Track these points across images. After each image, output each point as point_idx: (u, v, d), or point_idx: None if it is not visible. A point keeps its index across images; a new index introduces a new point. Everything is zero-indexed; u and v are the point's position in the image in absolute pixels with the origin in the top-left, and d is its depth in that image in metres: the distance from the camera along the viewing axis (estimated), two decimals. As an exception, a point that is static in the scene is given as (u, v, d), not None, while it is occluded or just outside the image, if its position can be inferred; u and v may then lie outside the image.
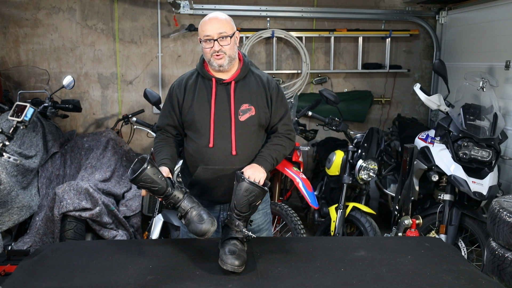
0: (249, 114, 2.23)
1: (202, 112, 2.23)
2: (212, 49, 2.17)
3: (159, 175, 1.93)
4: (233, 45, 2.20)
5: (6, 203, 3.45)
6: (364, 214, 3.55)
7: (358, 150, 3.75)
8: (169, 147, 2.30)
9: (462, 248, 3.54)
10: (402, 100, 5.66)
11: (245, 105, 2.23)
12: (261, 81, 2.30)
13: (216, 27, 2.15)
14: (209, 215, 1.95)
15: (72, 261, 2.00)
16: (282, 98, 2.34)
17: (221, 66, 2.20)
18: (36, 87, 5.03)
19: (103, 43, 5.14)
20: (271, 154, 2.24)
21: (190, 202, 1.98)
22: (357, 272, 1.92)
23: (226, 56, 2.19)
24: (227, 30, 2.16)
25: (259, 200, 1.99)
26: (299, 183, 3.69)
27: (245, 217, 2.01)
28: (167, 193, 1.95)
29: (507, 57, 4.16)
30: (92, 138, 4.23)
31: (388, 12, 5.35)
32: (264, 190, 1.99)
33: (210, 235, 1.91)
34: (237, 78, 2.25)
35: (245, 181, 1.96)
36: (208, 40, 2.16)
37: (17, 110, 3.32)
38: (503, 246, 2.61)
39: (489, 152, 3.55)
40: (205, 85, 2.26)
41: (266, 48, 5.34)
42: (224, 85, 2.25)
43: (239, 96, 2.24)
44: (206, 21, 2.19)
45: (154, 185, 1.92)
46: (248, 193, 1.95)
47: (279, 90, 2.33)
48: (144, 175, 1.89)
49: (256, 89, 2.27)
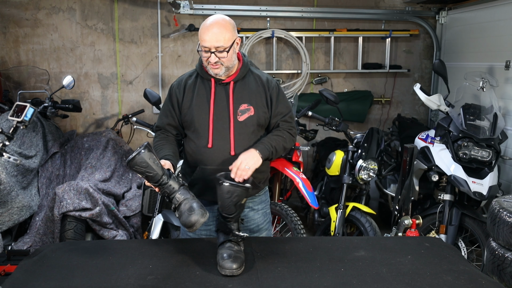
0: (248, 114, 2.22)
1: (201, 112, 2.23)
2: (209, 59, 2.13)
3: (155, 161, 1.90)
4: (231, 56, 2.14)
5: (6, 203, 3.45)
6: (364, 214, 3.55)
7: (358, 150, 3.75)
8: (170, 144, 2.29)
9: (462, 248, 3.54)
10: (402, 100, 5.66)
11: (244, 105, 2.22)
12: (260, 81, 2.28)
13: (214, 38, 2.07)
14: (201, 206, 1.91)
15: (72, 261, 1.99)
16: (283, 97, 2.32)
17: (217, 75, 2.18)
18: (36, 87, 5.03)
19: (103, 43, 5.14)
20: (271, 142, 2.21)
21: (185, 194, 1.94)
22: (357, 272, 1.92)
23: (223, 66, 2.15)
24: (225, 43, 2.08)
25: (243, 199, 1.96)
26: (299, 183, 3.69)
27: (234, 218, 1.99)
28: (161, 181, 1.92)
29: (507, 57, 4.16)
30: (92, 138, 4.23)
31: (388, 12, 5.36)
32: (246, 188, 1.96)
33: (198, 226, 1.87)
34: (236, 78, 2.24)
35: (224, 183, 1.92)
36: (205, 51, 2.12)
37: (17, 110, 3.32)
38: (503, 246, 2.61)
39: (489, 152, 3.55)
40: (204, 85, 2.26)
41: (266, 48, 5.34)
42: (223, 85, 2.24)
43: (238, 96, 2.23)
44: (205, 28, 2.10)
45: (148, 170, 1.88)
46: (230, 195, 1.92)
47: (279, 90, 2.31)
48: (139, 158, 1.86)
49: (255, 89, 2.26)
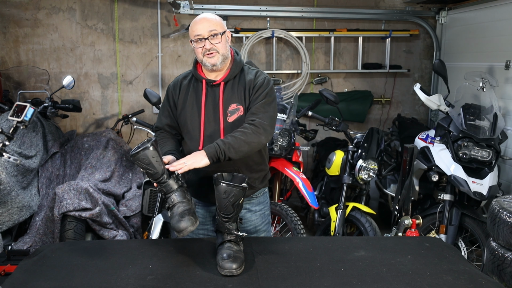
0: (237, 115, 2.20)
1: (193, 115, 2.22)
2: (203, 48, 2.14)
3: (157, 159, 1.92)
4: (224, 43, 2.17)
5: (6, 203, 3.45)
6: (364, 214, 3.55)
7: (358, 150, 3.75)
8: (172, 140, 2.30)
9: (462, 248, 3.54)
10: (402, 100, 5.66)
11: (233, 105, 2.20)
12: (249, 78, 2.23)
13: (206, 25, 2.13)
14: (193, 213, 1.92)
15: (72, 261, 1.99)
16: (263, 90, 2.18)
17: (214, 65, 2.16)
18: (36, 87, 5.03)
19: (103, 43, 5.14)
20: (225, 140, 2.07)
21: (181, 196, 1.95)
22: (357, 272, 1.92)
23: (219, 54, 2.15)
24: (217, 28, 2.14)
25: (240, 198, 1.96)
26: (299, 183, 3.69)
27: (233, 218, 1.99)
28: (161, 179, 1.94)
29: (507, 57, 4.16)
30: (92, 138, 4.22)
31: (388, 12, 5.35)
32: (243, 188, 1.95)
33: (186, 233, 1.88)
34: (227, 78, 2.22)
35: (221, 184, 1.93)
36: (199, 39, 2.14)
37: (17, 110, 3.32)
38: (503, 246, 2.61)
39: (489, 152, 3.55)
40: (197, 87, 2.25)
41: (266, 48, 5.34)
42: (214, 86, 2.22)
43: (227, 97, 2.21)
44: (195, 22, 2.18)
45: (150, 167, 1.91)
46: (227, 195, 1.92)
47: (263, 84, 2.19)
48: (143, 154, 1.89)
49: (245, 87, 2.22)
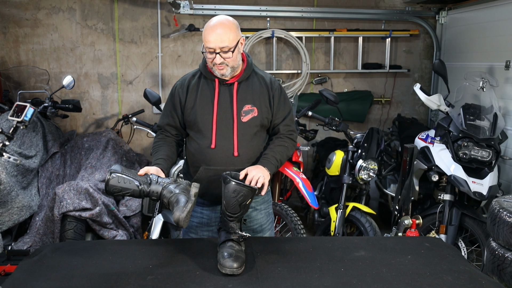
0: (251, 115, 2.23)
1: (205, 113, 2.23)
2: (214, 60, 2.13)
3: (125, 181, 1.94)
4: (236, 56, 2.14)
5: (6, 203, 3.45)
6: (364, 214, 3.55)
7: (358, 150, 3.75)
8: (166, 146, 2.30)
9: (462, 248, 3.54)
10: (402, 100, 5.66)
11: (247, 106, 2.23)
12: (264, 82, 2.29)
13: (218, 39, 2.08)
14: (183, 202, 1.88)
15: (72, 261, 1.99)
16: (284, 99, 2.33)
17: (223, 75, 2.19)
18: (36, 87, 5.02)
19: (103, 43, 5.14)
20: (275, 156, 2.24)
21: (168, 192, 1.97)
22: (357, 272, 1.92)
23: (229, 67, 2.15)
24: (229, 43, 2.09)
25: (248, 199, 1.97)
26: (299, 183, 3.69)
27: (238, 218, 2.00)
28: (143, 193, 1.97)
29: (507, 57, 4.16)
30: (92, 138, 4.23)
31: (388, 12, 5.35)
32: (253, 189, 1.97)
33: (182, 223, 1.84)
34: (240, 79, 2.24)
35: (231, 182, 1.93)
36: (210, 52, 2.12)
37: (17, 110, 3.32)
38: (503, 246, 2.61)
39: (489, 152, 3.55)
40: (208, 85, 2.25)
41: (266, 48, 5.34)
42: (227, 85, 2.24)
43: (242, 97, 2.23)
44: (209, 29, 2.11)
45: (125, 192, 1.95)
46: (236, 194, 1.93)
47: (281, 91, 2.33)
48: (109, 186, 1.94)
49: (259, 90, 2.26)
